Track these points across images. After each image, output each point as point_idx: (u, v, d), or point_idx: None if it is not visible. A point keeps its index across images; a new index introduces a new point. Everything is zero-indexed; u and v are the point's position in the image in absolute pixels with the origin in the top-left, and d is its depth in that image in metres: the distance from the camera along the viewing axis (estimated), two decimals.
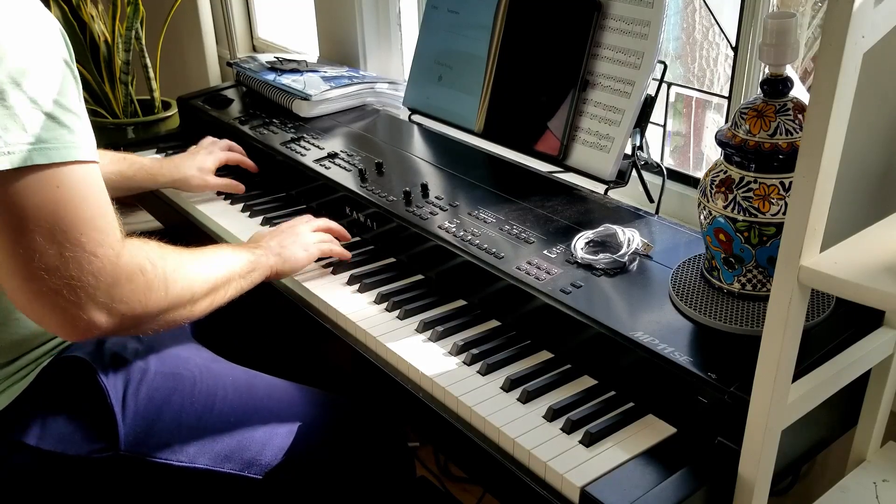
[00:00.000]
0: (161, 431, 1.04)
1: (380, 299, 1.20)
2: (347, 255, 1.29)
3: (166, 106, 2.41)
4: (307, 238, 1.25)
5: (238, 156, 1.61)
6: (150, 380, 1.06)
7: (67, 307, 0.85)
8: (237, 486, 1.07)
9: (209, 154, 1.57)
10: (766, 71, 0.96)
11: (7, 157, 0.80)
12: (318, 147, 1.58)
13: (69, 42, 0.89)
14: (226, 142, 1.62)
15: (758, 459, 0.82)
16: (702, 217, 1.00)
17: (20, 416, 0.99)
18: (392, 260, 1.31)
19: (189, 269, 1.00)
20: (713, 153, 1.50)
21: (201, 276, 1.02)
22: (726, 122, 1.24)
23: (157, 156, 1.79)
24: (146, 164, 1.50)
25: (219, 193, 1.57)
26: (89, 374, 1.03)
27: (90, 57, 2.28)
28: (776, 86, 0.94)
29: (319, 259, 1.27)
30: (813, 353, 0.91)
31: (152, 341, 1.11)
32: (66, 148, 0.84)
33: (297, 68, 1.87)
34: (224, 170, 1.60)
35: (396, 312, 1.16)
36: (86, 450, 1.01)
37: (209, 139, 1.62)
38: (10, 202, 0.82)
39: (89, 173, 0.87)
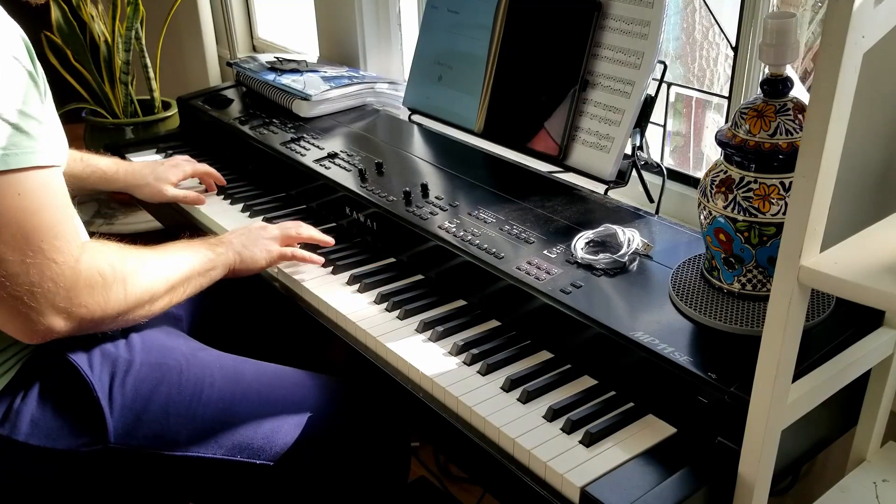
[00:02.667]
0: (150, 422, 1.04)
1: (380, 299, 1.20)
2: (318, 260, 1.27)
3: (166, 106, 2.41)
4: (272, 237, 1.25)
5: (204, 168, 1.56)
6: (136, 371, 1.06)
7: (28, 312, 0.87)
8: (229, 472, 1.06)
9: (173, 167, 1.54)
10: (766, 71, 0.96)
11: None
12: (318, 147, 1.58)
13: (30, 46, 0.90)
14: (196, 162, 1.58)
15: (758, 459, 0.82)
16: (702, 217, 1.00)
17: (6, 413, 0.99)
18: (392, 260, 1.31)
19: (149, 271, 1.02)
20: (713, 153, 1.50)
21: (161, 276, 1.04)
22: (726, 122, 1.24)
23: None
24: (102, 166, 1.47)
25: (219, 193, 1.57)
26: (73, 369, 1.03)
27: (90, 57, 2.28)
28: (776, 86, 0.94)
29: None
30: (813, 353, 0.91)
31: (136, 331, 1.11)
32: (26, 154, 0.85)
33: (297, 68, 1.87)
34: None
35: (396, 312, 1.16)
36: (75, 444, 1.01)
37: (181, 157, 1.59)
38: None
39: (50, 178, 0.88)
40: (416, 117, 1.70)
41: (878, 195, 1.09)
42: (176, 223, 1.60)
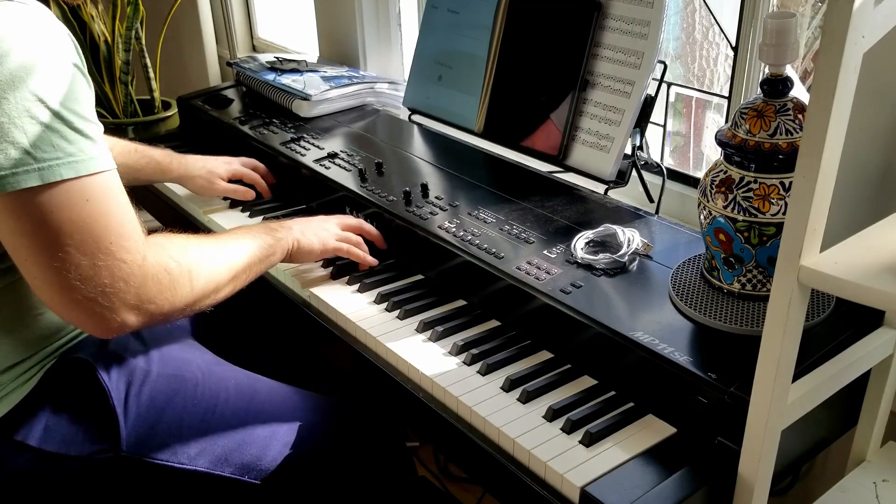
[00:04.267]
0: (162, 433, 1.04)
1: (380, 299, 1.20)
2: (371, 261, 1.26)
3: (166, 106, 2.41)
4: (330, 232, 1.25)
5: (254, 174, 1.54)
6: (153, 381, 1.06)
7: (102, 312, 0.89)
8: (236, 490, 1.07)
9: (226, 163, 1.54)
10: (766, 71, 0.96)
11: (38, 173, 0.82)
12: (318, 147, 1.58)
13: (81, 51, 0.90)
14: (249, 160, 1.58)
15: (758, 459, 0.82)
16: (702, 217, 1.00)
17: (23, 419, 0.99)
18: (392, 260, 1.31)
19: (212, 261, 1.02)
20: (713, 153, 1.50)
21: (224, 266, 1.04)
22: (726, 122, 1.24)
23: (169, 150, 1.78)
24: (156, 157, 1.48)
25: (225, 198, 1.56)
26: (92, 375, 1.03)
27: (90, 57, 2.28)
28: (776, 86, 0.94)
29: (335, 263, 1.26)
30: (813, 353, 0.91)
31: (155, 343, 1.11)
32: (92, 159, 0.86)
33: (297, 68, 1.87)
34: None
35: (396, 312, 1.16)
36: (87, 451, 1.01)
37: (230, 157, 1.57)
38: (43, 218, 0.84)
39: (113, 181, 0.90)
40: (416, 117, 1.70)
41: (878, 195, 1.09)
42: (176, 223, 1.60)
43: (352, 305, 1.19)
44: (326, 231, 1.24)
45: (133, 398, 1.04)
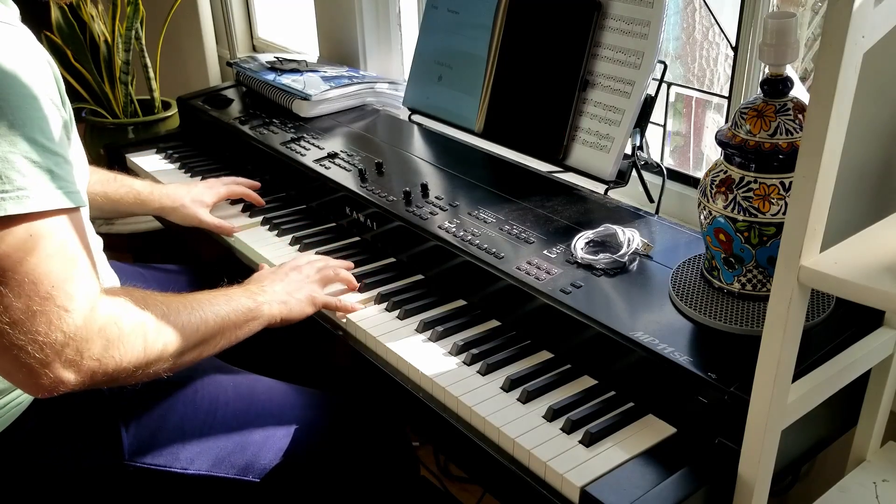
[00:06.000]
0: (164, 440, 1.03)
1: (380, 299, 1.20)
2: (357, 308, 1.18)
3: (166, 106, 2.41)
4: (313, 279, 1.18)
5: (242, 189, 1.50)
6: (152, 389, 1.05)
7: (31, 363, 0.80)
8: (240, 491, 1.07)
9: (208, 188, 1.48)
10: (766, 71, 0.96)
11: None
12: (318, 147, 1.58)
13: (59, 77, 0.86)
14: (230, 178, 1.54)
15: (758, 459, 0.82)
16: (702, 217, 1.00)
17: (23, 436, 0.98)
18: (392, 260, 1.31)
19: (174, 323, 0.94)
20: (713, 153, 1.50)
21: (188, 329, 0.96)
22: (726, 122, 1.24)
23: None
24: (137, 187, 1.42)
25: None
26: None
27: (90, 57, 2.28)
28: (776, 86, 0.94)
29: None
30: (813, 353, 0.91)
31: None
32: (48, 195, 0.80)
33: (297, 68, 1.87)
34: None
35: (396, 312, 1.16)
36: (89, 462, 1.00)
37: (213, 178, 1.54)
38: None
39: (69, 222, 0.83)
40: (416, 117, 1.70)
41: (878, 195, 1.09)
42: (175, 224, 1.60)
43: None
44: (310, 283, 1.17)
45: (134, 406, 1.03)
